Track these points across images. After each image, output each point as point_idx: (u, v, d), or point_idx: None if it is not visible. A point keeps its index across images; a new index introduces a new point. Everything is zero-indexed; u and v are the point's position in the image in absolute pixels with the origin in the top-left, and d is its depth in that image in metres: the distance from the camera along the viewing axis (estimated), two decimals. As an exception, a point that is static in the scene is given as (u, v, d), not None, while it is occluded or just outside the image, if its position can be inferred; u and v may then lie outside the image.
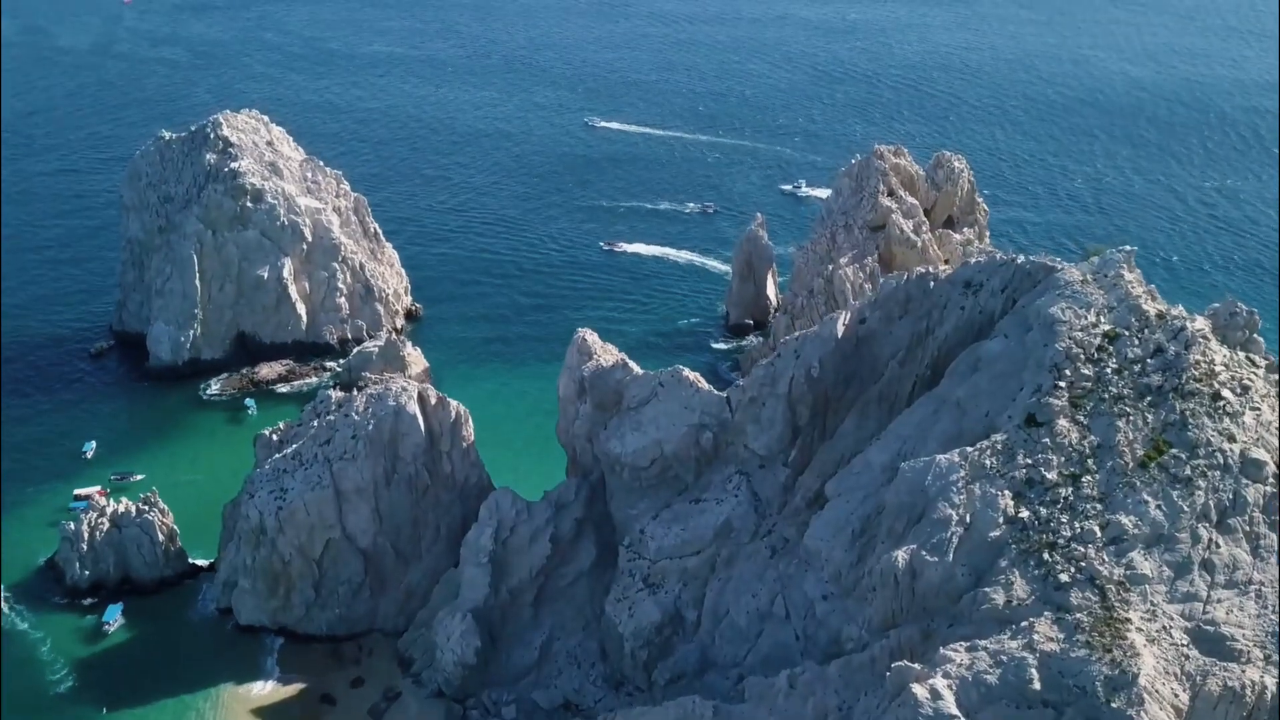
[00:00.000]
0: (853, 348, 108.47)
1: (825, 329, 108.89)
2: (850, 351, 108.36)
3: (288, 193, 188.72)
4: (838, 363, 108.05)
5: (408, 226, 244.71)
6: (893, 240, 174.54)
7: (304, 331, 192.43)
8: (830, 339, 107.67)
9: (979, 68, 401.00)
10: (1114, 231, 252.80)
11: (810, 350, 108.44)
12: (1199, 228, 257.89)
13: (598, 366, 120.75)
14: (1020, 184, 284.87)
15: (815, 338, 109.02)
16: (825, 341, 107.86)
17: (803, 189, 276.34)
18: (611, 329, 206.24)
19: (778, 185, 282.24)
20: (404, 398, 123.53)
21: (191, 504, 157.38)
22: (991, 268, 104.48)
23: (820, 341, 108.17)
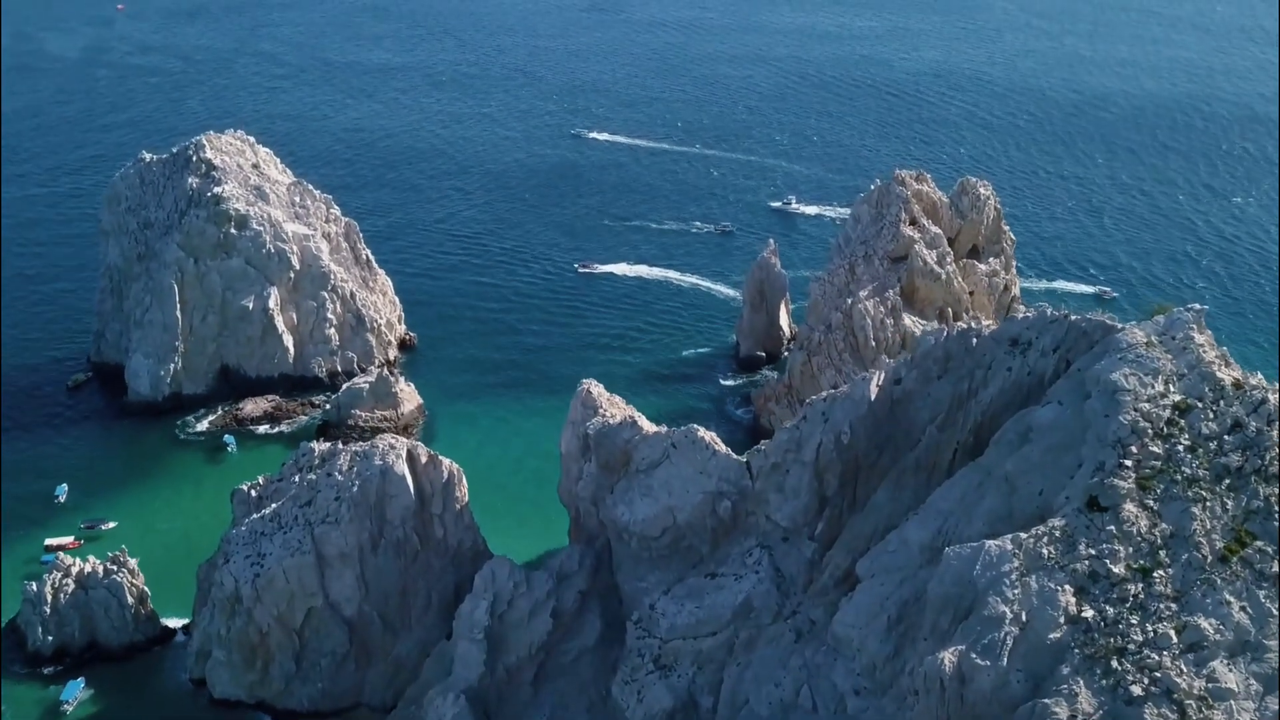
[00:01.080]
0: (886, 411, 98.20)
1: (856, 390, 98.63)
2: (884, 415, 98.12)
3: (274, 218, 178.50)
4: (870, 427, 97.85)
5: (400, 249, 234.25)
6: (915, 272, 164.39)
7: (291, 364, 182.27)
8: (862, 401, 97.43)
9: (982, 79, 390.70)
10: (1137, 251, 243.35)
11: (840, 414, 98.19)
12: (1216, 249, 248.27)
13: (603, 424, 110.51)
14: (1037, 201, 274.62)
15: (845, 400, 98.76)
16: (856, 404, 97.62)
17: (793, 204, 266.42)
18: (614, 359, 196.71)
19: (767, 201, 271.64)
20: (391, 456, 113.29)
21: (166, 555, 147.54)
22: (1041, 324, 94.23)
23: (851, 404, 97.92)
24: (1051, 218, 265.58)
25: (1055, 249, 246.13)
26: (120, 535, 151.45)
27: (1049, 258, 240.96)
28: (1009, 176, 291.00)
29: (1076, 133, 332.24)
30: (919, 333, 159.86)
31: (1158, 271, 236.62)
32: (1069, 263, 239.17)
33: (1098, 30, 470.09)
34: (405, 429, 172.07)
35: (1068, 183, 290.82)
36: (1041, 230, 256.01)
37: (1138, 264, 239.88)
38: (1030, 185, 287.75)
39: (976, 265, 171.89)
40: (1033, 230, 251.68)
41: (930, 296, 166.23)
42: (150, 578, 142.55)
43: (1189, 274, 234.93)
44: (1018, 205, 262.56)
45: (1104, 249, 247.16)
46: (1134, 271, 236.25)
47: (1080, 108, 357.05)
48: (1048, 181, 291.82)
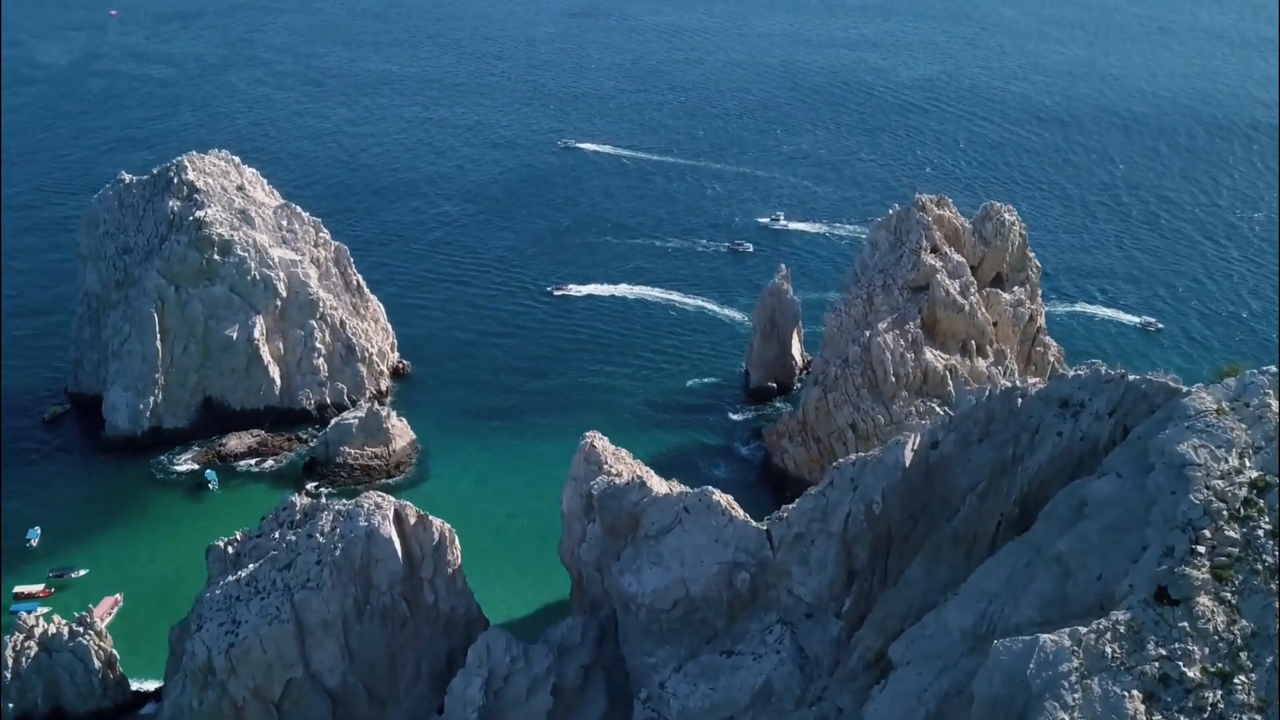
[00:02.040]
0: (922, 477, 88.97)
1: (889, 456, 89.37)
2: (919, 482, 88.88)
3: (260, 243, 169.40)
4: (904, 495, 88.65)
5: (394, 272, 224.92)
6: (937, 303, 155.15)
7: (278, 396, 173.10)
8: (895, 468, 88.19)
9: (987, 90, 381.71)
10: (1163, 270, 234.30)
11: (871, 481, 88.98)
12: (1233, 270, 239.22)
13: (609, 484, 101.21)
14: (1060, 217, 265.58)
15: (877, 465, 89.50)
16: (889, 471, 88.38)
17: (780, 221, 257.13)
18: (616, 387, 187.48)
19: (755, 217, 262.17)
20: (377, 517, 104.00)
21: (140, 606, 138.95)
22: (1094, 384, 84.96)
23: (883, 471, 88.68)
24: (1075, 234, 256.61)
25: (1082, 270, 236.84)
26: (92, 584, 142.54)
27: (1076, 279, 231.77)
28: (1024, 190, 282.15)
29: (1096, 145, 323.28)
30: (940, 366, 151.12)
31: (1197, 294, 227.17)
32: (1097, 285, 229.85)
33: (1111, 36, 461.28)
34: (397, 466, 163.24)
35: (1089, 198, 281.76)
36: (1066, 249, 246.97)
37: (1176, 285, 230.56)
38: (1050, 200, 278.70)
39: (1000, 295, 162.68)
40: (1059, 251, 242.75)
41: (952, 329, 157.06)
42: (122, 632, 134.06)
43: (1230, 295, 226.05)
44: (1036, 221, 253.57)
45: (1136, 269, 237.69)
46: (1173, 294, 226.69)
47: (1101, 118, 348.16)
48: (1071, 197, 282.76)
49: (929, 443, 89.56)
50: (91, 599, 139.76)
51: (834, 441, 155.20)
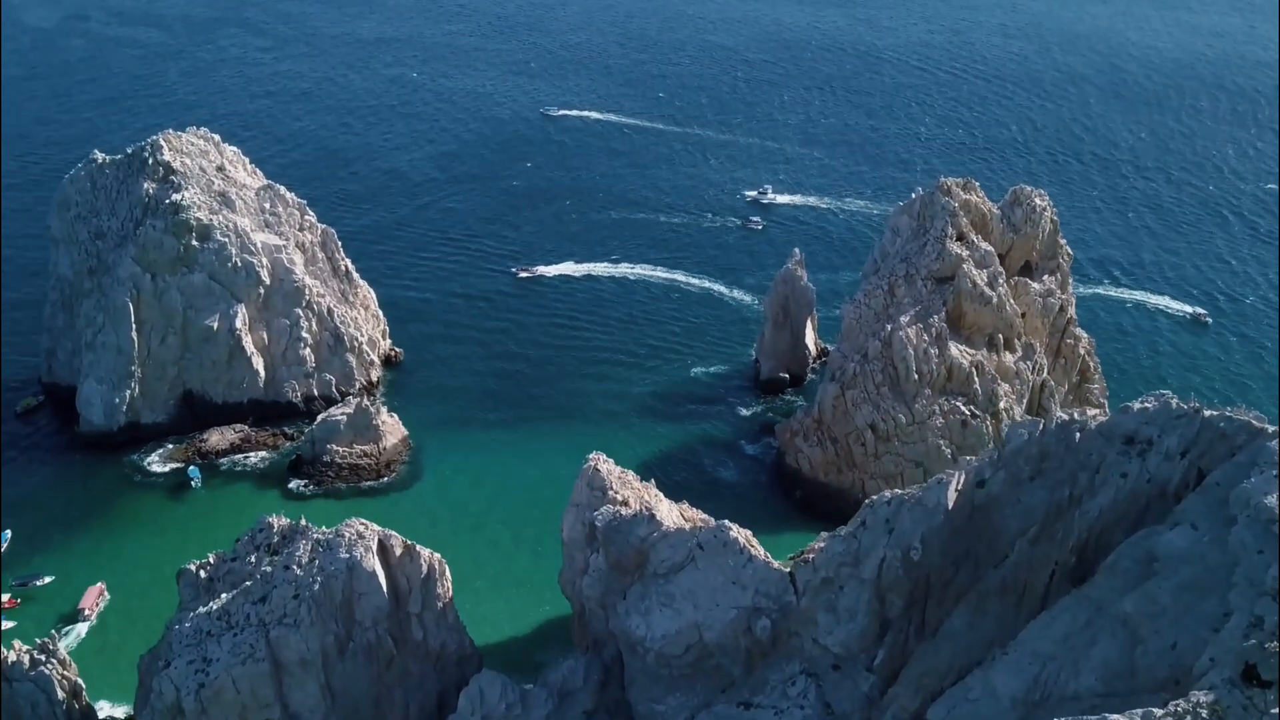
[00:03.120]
0: (966, 518, 79.53)
1: (930, 496, 79.89)
2: (963, 524, 79.46)
3: (241, 228, 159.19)
4: (946, 540, 79.23)
5: (384, 253, 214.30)
6: (963, 295, 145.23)
7: (262, 389, 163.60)
8: (937, 510, 78.75)
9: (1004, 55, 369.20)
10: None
11: (909, 523, 79.57)
12: None
13: (614, 515, 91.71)
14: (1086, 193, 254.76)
15: (916, 507, 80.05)
16: (930, 513, 78.94)
17: (768, 195, 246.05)
18: (616, 376, 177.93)
19: (742, 190, 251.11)
20: (359, 549, 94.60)
21: (112, 619, 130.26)
22: (1164, 419, 75.32)
23: (923, 513, 79.24)
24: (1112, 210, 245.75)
25: (1118, 252, 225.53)
26: (59, 593, 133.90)
27: (1111, 263, 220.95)
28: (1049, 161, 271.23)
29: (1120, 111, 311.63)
30: (965, 362, 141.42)
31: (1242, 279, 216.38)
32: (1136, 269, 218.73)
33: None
34: (388, 466, 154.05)
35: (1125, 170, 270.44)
36: (1101, 228, 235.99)
37: (1230, 271, 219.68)
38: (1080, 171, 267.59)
39: (1029, 284, 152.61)
40: (1093, 231, 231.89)
41: (979, 322, 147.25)
42: (92, 649, 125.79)
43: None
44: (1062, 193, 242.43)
45: (1182, 252, 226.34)
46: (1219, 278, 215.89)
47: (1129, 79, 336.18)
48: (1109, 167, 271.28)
49: (974, 481, 80.00)
50: (62, 606, 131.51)
51: (852, 443, 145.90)
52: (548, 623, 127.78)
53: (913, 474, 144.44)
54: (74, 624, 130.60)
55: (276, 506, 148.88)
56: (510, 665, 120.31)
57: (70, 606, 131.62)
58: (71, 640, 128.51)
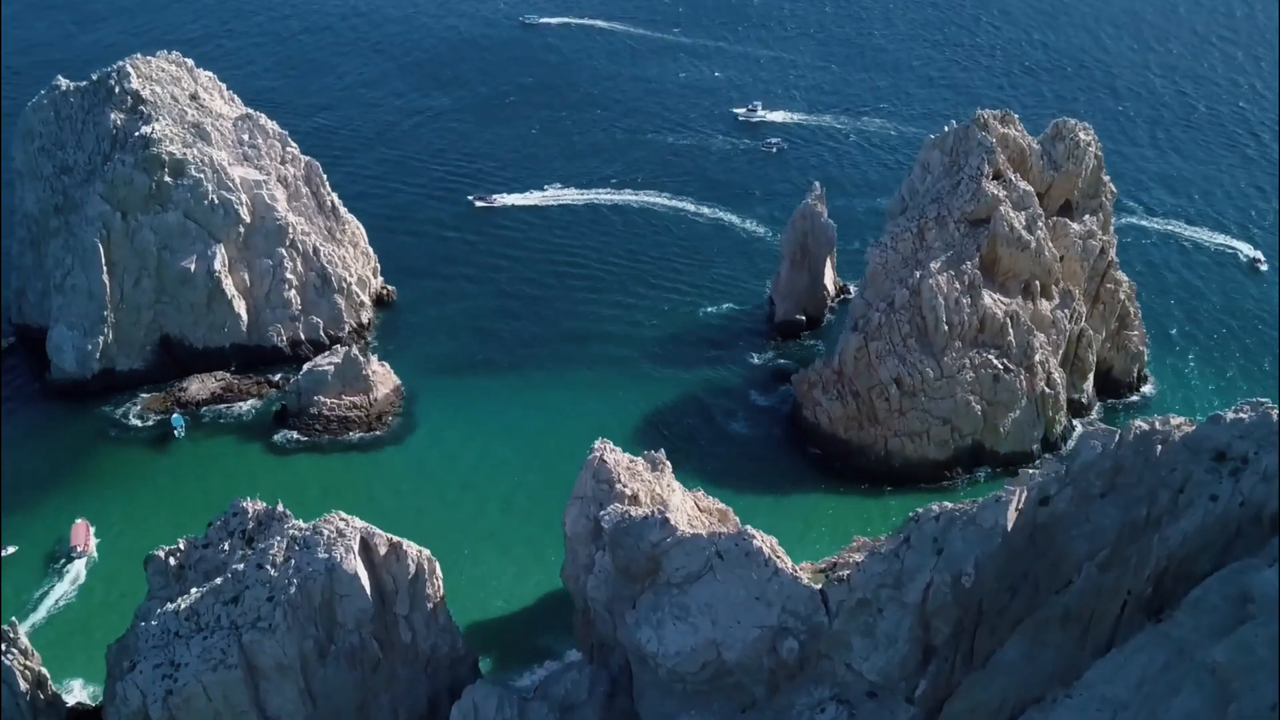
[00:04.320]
0: (1026, 539, 69.80)
1: (986, 516, 70.09)
2: (1022, 545, 69.73)
3: (217, 162, 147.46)
4: (1003, 563, 69.61)
5: (373, 183, 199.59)
6: (999, 239, 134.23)
7: (245, 333, 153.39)
8: (994, 532, 69.02)
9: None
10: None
11: (961, 546, 69.96)
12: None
13: (623, 516, 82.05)
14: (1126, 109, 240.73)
15: (970, 527, 70.35)
16: (986, 535, 69.25)
17: (758, 112, 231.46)
18: (617, 319, 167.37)
19: (729, 108, 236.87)
20: (339, 549, 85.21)
21: (84, 592, 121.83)
22: (1261, 433, 65.21)
23: (978, 535, 69.56)
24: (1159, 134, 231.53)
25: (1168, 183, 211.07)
26: (23, 562, 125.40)
27: (1145, 187, 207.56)
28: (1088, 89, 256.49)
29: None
30: (999, 313, 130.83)
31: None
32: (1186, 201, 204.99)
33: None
34: (379, 418, 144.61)
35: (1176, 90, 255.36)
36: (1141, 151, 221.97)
37: None
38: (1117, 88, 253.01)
39: (1069, 225, 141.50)
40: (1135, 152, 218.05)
41: (1015, 268, 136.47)
42: (64, 627, 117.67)
43: None
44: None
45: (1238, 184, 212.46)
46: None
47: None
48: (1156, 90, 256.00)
49: (1037, 498, 70.08)
50: (22, 585, 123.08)
51: (875, 397, 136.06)
52: (548, 596, 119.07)
53: (939, 431, 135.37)
54: (71, 563, 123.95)
55: (261, 462, 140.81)
56: (507, 649, 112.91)
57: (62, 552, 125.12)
58: (71, 585, 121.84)
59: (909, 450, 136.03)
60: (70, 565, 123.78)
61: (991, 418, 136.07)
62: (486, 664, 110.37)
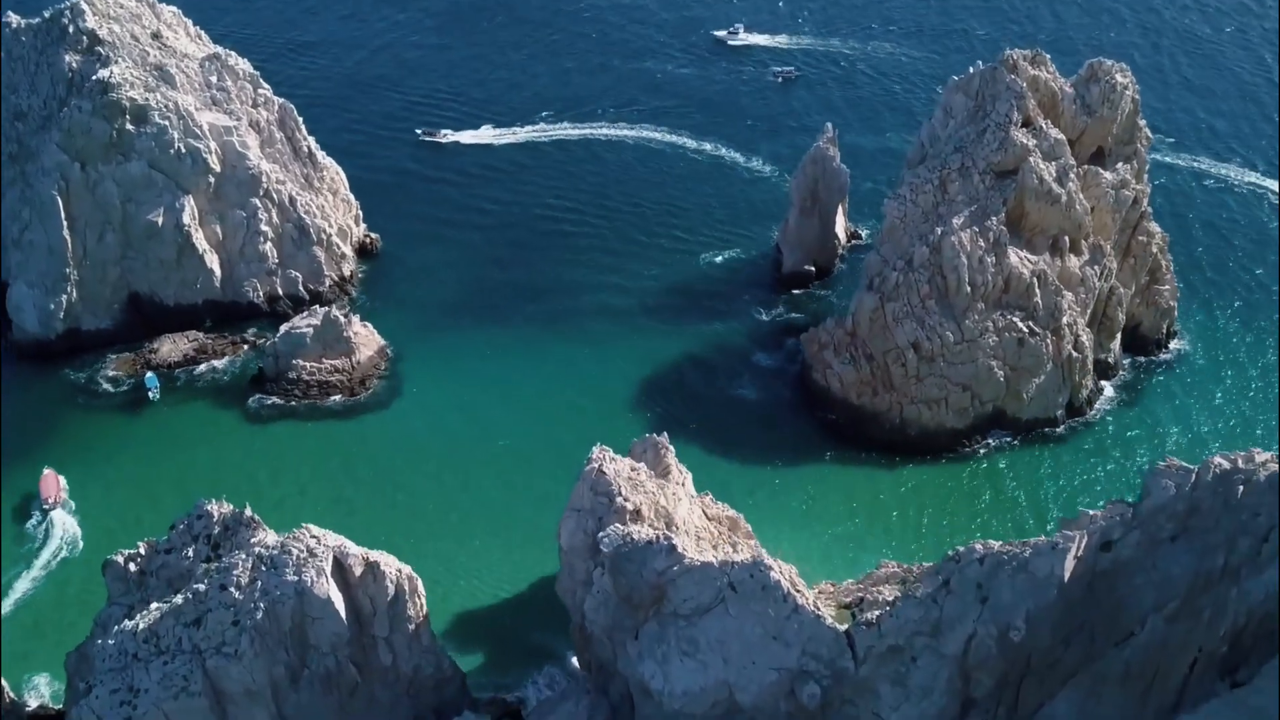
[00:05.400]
0: (1083, 589, 61.53)
1: (1040, 564, 61.71)
2: (1079, 595, 61.50)
3: (183, 107, 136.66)
4: (1058, 616, 61.43)
5: (349, 124, 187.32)
6: (1027, 192, 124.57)
7: (219, 289, 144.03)
8: (1049, 583, 60.73)
9: None
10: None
11: (1010, 597, 61.80)
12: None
13: (624, 540, 73.70)
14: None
15: (1020, 575, 62.05)
16: (1039, 587, 61.01)
17: (739, 35, 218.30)
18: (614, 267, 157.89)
19: (709, 29, 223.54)
20: (309, 571, 76.94)
21: (59, 574, 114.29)
22: (1363, 470, 56.51)
23: (1030, 586, 61.30)
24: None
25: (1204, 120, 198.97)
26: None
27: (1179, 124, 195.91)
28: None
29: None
30: (1026, 272, 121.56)
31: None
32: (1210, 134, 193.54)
33: None
34: (362, 382, 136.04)
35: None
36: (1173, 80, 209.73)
37: None
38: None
39: (1101, 174, 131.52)
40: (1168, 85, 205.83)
41: (1043, 223, 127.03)
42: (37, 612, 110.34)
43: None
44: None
45: None
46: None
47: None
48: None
49: (1099, 543, 61.65)
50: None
51: (890, 362, 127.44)
52: (545, 583, 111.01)
53: (958, 398, 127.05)
54: (47, 516, 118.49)
55: (239, 431, 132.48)
56: (501, 645, 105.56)
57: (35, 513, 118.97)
58: (65, 540, 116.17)
59: (926, 418, 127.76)
60: (48, 518, 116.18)
61: (1014, 383, 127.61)
62: (477, 659, 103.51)
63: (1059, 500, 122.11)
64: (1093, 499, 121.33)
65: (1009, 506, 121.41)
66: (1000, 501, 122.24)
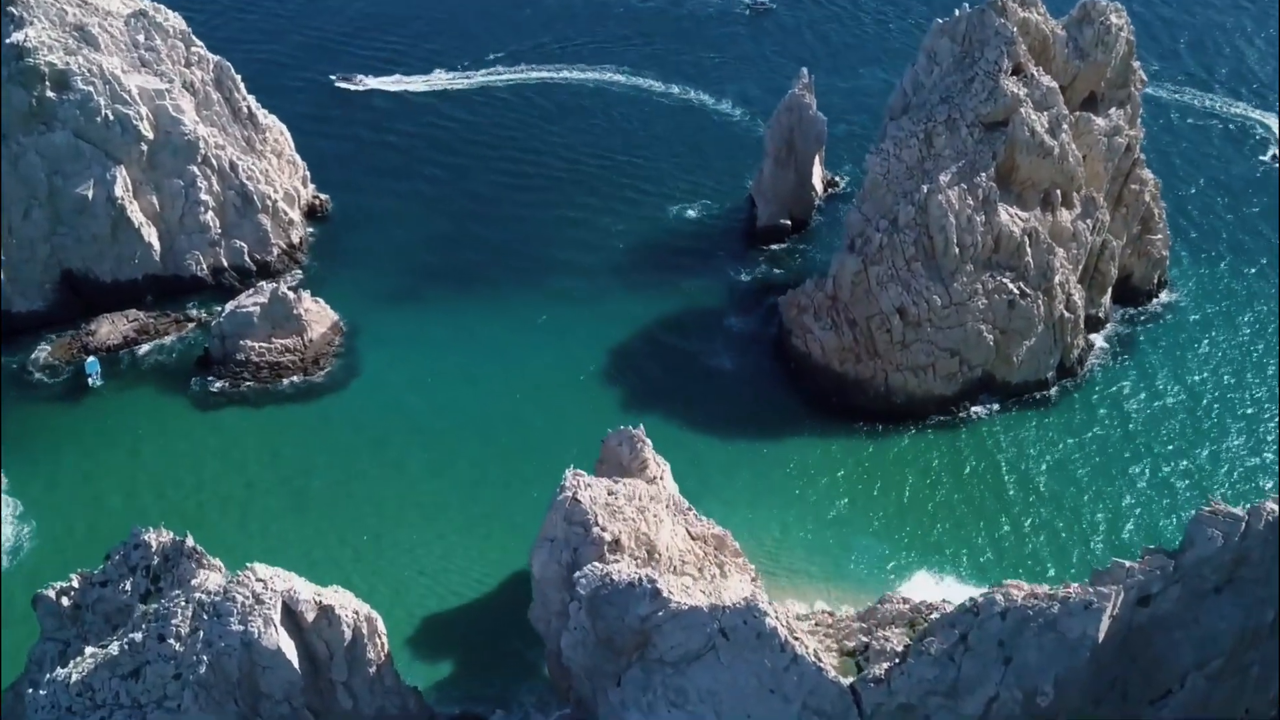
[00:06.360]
0: (1117, 646, 55.42)
1: (1072, 626, 55.34)
2: (1112, 654, 55.41)
3: (109, 71, 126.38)
4: (1089, 679, 55.36)
5: (291, 77, 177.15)
6: (1018, 145, 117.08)
7: (159, 263, 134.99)
8: (1081, 646, 54.45)
9: None
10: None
11: (1037, 658, 55.59)
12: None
13: (603, 581, 66.88)
14: None
15: (1048, 634, 55.75)
16: (1070, 650, 54.75)
17: None
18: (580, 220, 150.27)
19: None
20: (256, 621, 69.76)
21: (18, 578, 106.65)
22: None
23: (1060, 647, 55.02)
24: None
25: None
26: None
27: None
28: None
29: None
30: (1017, 231, 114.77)
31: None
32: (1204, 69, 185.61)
33: None
34: (315, 362, 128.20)
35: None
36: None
37: None
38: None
39: (1094, 121, 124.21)
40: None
41: (1034, 177, 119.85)
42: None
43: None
44: None
45: None
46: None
47: None
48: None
49: (1135, 599, 55.39)
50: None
51: (875, 328, 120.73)
52: (515, 579, 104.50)
53: (946, 364, 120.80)
54: None
55: (185, 419, 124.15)
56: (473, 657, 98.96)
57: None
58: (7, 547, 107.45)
59: (912, 385, 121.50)
60: None
61: (1004, 347, 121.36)
62: (445, 667, 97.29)
63: (1050, 468, 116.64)
64: (1083, 463, 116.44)
65: (998, 475, 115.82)
66: (989, 470, 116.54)
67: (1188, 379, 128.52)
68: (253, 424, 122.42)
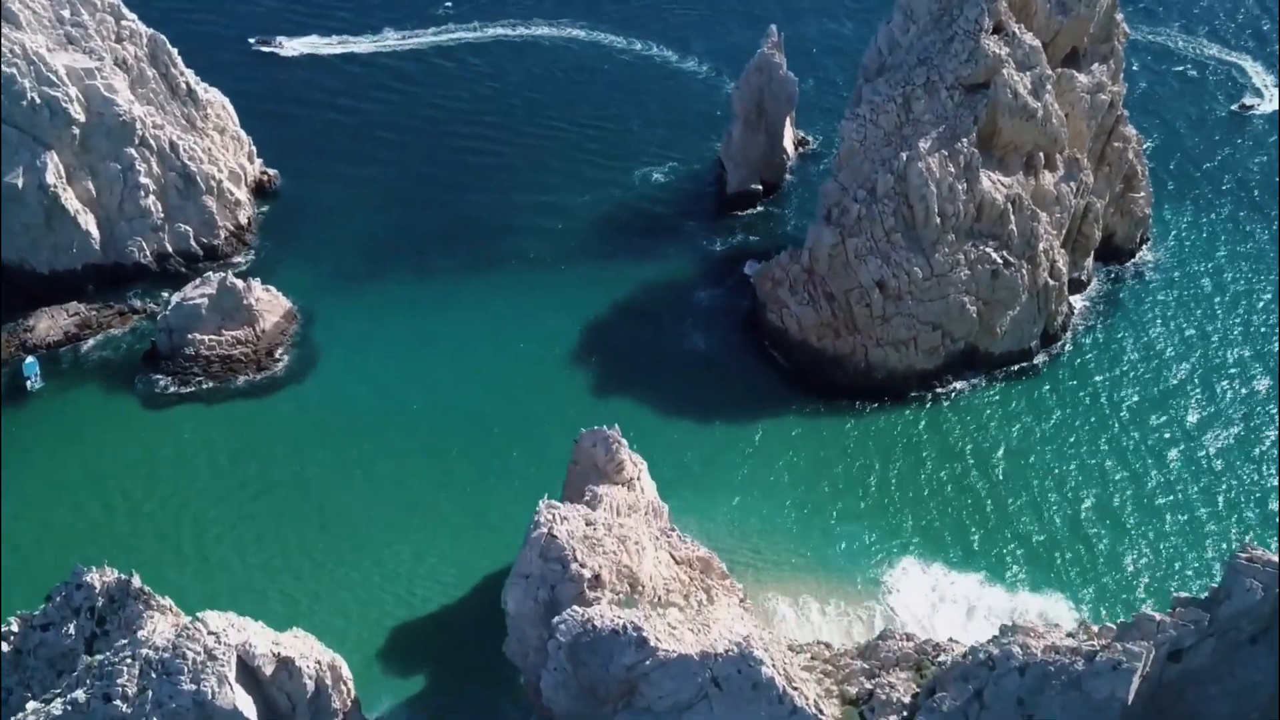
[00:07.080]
0: (1146, 701, 51.32)
1: (1100, 687, 50.98)
2: (1143, 710, 51.33)
3: (32, 50, 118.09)
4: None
5: (228, 47, 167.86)
6: (1000, 108, 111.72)
7: (99, 252, 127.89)
8: (1109, 707, 50.24)
9: None
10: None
11: (1058, 714, 51.17)
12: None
13: (585, 628, 62.01)
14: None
15: (1071, 693, 51.53)
16: (1096, 711, 50.46)
17: None
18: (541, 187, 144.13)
19: None
20: (209, 678, 64.40)
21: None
22: None
23: (1085, 708, 50.70)
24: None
25: None
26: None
27: None
28: None
29: None
30: (1000, 197, 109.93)
31: None
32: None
33: None
34: (269, 354, 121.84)
35: None
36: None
37: None
38: None
39: (1076, 78, 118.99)
40: None
41: (1016, 140, 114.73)
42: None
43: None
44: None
45: None
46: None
47: None
48: None
49: (1166, 655, 51.20)
50: None
51: (854, 303, 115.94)
52: (486, 583, 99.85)
53: (928, 338, 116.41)
54: None
55: (134, 419, 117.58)
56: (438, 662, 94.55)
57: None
58: None
59: (893, 360, 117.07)
60: None
61: (987, 318, 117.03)
62: (417, 682, 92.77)
63: (1037, 441, 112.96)
64: (1070, 433, 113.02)
65: (981, 452, 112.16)
66: (972, 446, 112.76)
67: (1175, 338, 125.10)
68: (206, 424, 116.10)
